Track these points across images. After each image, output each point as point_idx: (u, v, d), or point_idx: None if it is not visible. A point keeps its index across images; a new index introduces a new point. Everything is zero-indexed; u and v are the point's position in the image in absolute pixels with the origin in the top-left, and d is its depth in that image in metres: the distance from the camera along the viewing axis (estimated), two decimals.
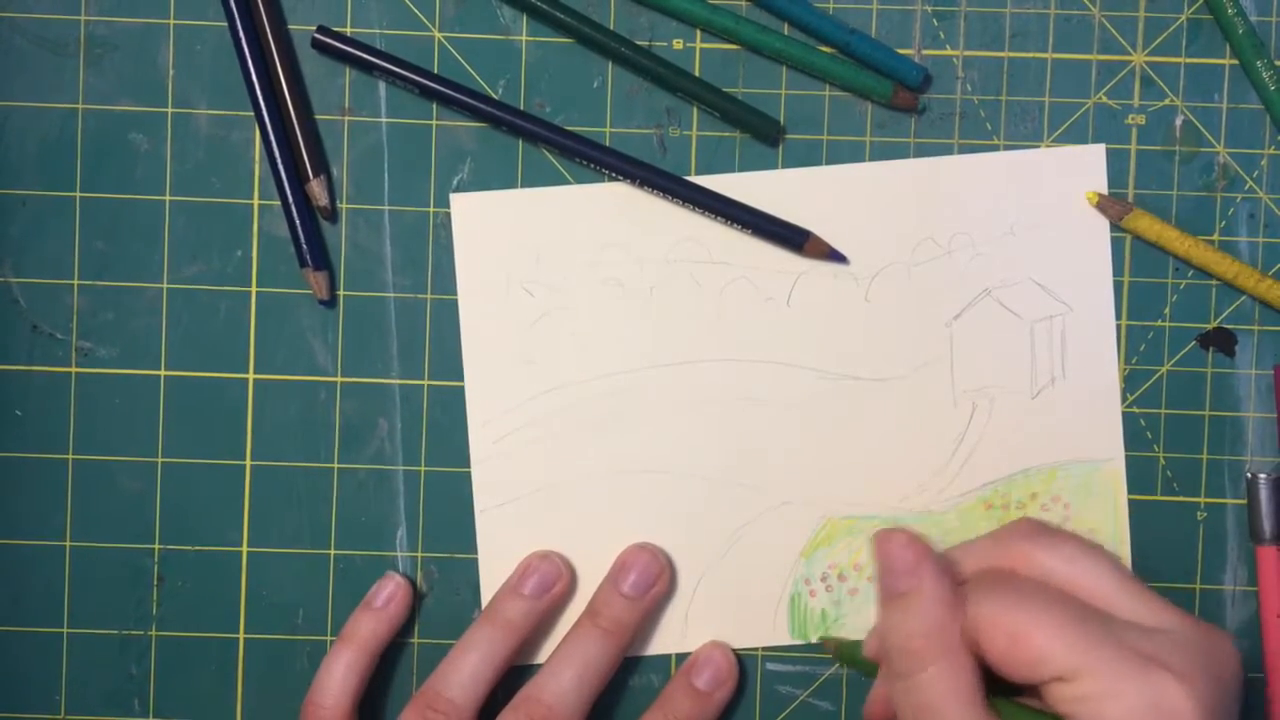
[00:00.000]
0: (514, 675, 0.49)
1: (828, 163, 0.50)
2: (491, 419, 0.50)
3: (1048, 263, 0.50)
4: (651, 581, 0.49)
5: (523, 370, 0.50)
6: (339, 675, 0.47)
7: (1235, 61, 0.50)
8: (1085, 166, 0.50)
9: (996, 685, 0.39)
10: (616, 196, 0.50)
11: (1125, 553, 0.50)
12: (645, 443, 0.50)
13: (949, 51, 0.50)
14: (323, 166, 0.49)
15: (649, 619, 0.49)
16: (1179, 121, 0.50)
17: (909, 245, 0.50)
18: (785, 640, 0.50)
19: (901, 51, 0.50)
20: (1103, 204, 0.49)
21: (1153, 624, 0.39)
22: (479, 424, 0.50)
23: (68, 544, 0.50)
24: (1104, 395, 0.50)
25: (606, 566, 0.49)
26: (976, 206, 0.50)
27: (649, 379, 0.50)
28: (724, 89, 0.49)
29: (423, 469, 0.50)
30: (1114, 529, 0.50)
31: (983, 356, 0.50)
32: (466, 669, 0.47)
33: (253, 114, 0.49)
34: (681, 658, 0.50)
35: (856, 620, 0.50)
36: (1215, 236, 0.50)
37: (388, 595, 0.49)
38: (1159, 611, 0.40)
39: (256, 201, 0.50)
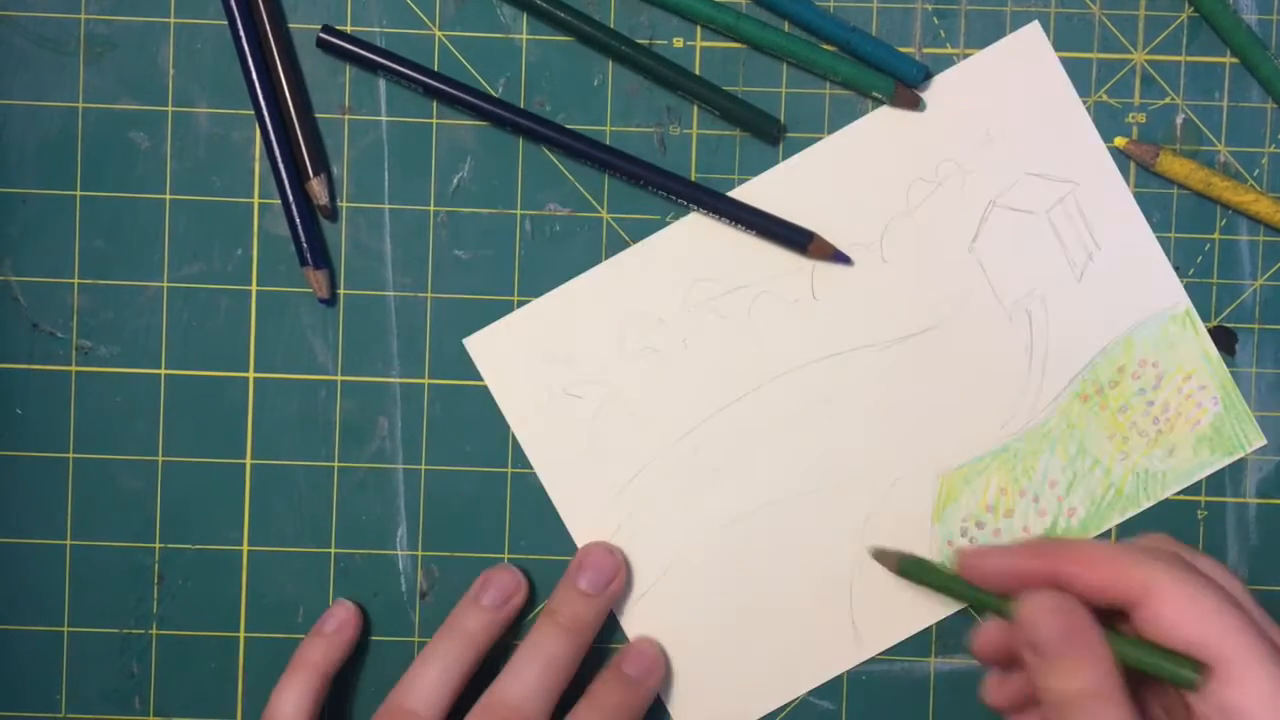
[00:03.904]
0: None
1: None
2: (592, 526, 0.50)
3: (1034, 151, 0.50)
4: (609, 578, 0.49)
5: (600, 469, 0.50)
6: (293, 699, 0.47)
7: (1236, 60, 0.50)
8: (1030, 48, 0.50)
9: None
10: (614, 274, 0.50)
11: (1227, 385, 0.50)
12: (742, 484, 0.50)
13: (949, 50, 0.50)
14: (323, 165, 0.49)
15: (606, 615, 0.49)
16: (1180, 120, 0.50)
17: (900, 193, 0.50)
18: (957, 606, 0.50)
19: (902, 49, 0.49)
20: (1131, 149, 0.49)
21: None
22: (585, 537, 0.50)
23: (68, 542, 0.50)
24: (1141, 246, 0.50)
25: (767, 611, 0.50)
26: (947, 130, 0.50)
27: (720, 425, 0.50)
28: (724, 87, 0.49)
29: (423, 468, 0.50)
30: (1211, 367, 0.50)
31: (1015, 264, 0.50)
32: (428, 681, 0.47)
33: (253, 113, 0.49)
34: (856, 672, 0.50)
35: None
36: (1216, 235, 0.50)
37: (338, 623, 0.49)
38: None
39: (257, 200, 0.50)
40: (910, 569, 0.45)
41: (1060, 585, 0.41)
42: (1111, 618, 0.41)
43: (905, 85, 0.49)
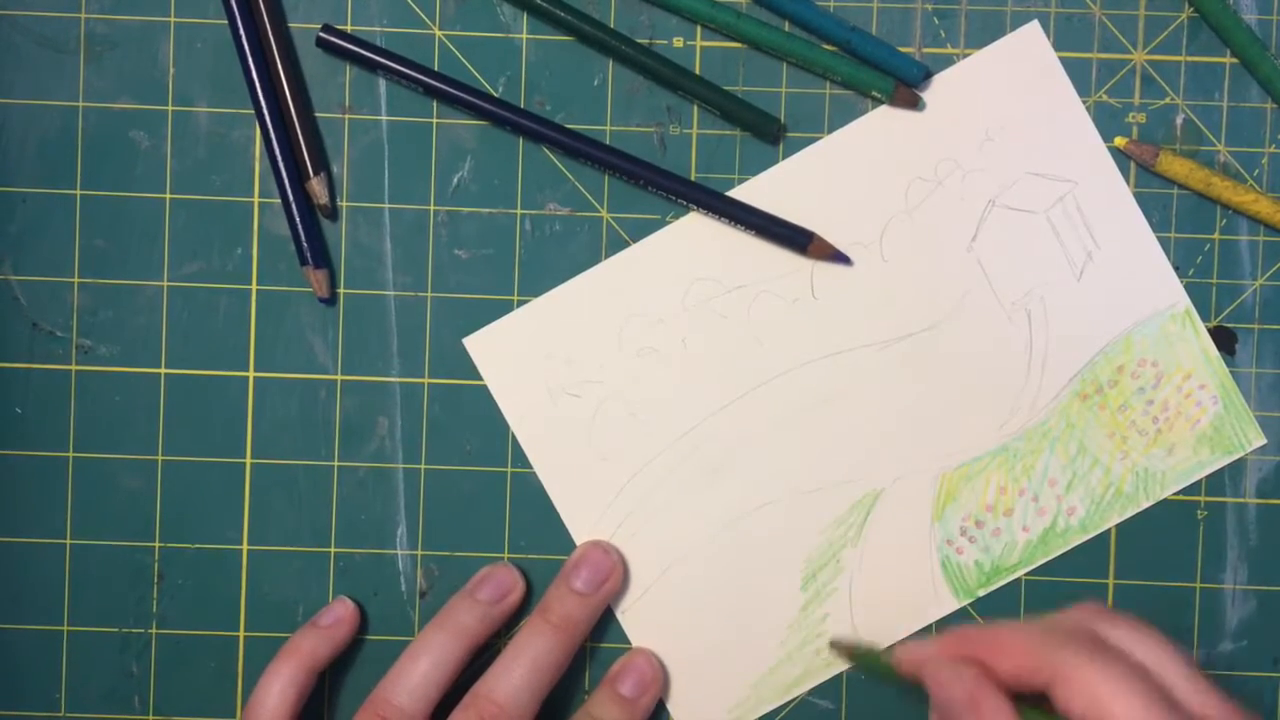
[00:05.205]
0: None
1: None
2: (592, 525, 0.50)
3: (1034, 151, 0.50)
4: (603, 578, 0.49)
5: (600, 469, 0.50)
6: (277, 689, 0.47)
7: (1235, 60, 0.50)
8: (1030, 48, 0.50)
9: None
10: (614, 274, 0.50)
11: (1227, 385, 0.50)
12: (742, 484, 0.50)
13: (949, 49, 0.50)
14: (323, 164, 0.49)
15: (599, 615, 0.49)
16: (1180, 120, 0.50)
17: (899, 192, 0.50)
18: (954, 606, 0.50)
19: (902, 49, 0.49)
20: (1131, 149, 0.49)
21: (1213, 715, 0.40)
22: (584, 537, 0.50)
23: (68, 542, 0.50)
24: (1141, 246, 0.50)
25: (766, 610, 0.50)
26: (946, 130, 0.50)
27: (720, 424, 0.50)
28: (724, 87, 0.49)
29: (423, 467, 0.50)
30: (1210, 367, 0.50)
31: (1015, 264, 0.50)
32: (416, 674, 0.46)
33: (253, 112, 0.49)
34: (856, 671, 0.50)
35: (1010, 558, 0.50)
36: (1216, 235, 0.50)
37: (335, 618, 0.49)
38: (1220, 706, 0.40)
39: (257, 199, 0.50)
40: (862, 659, 0.46)
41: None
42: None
43: (905, 85, 0.49)
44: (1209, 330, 0.50)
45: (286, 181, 0.49)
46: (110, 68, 0.50)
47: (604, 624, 0.50)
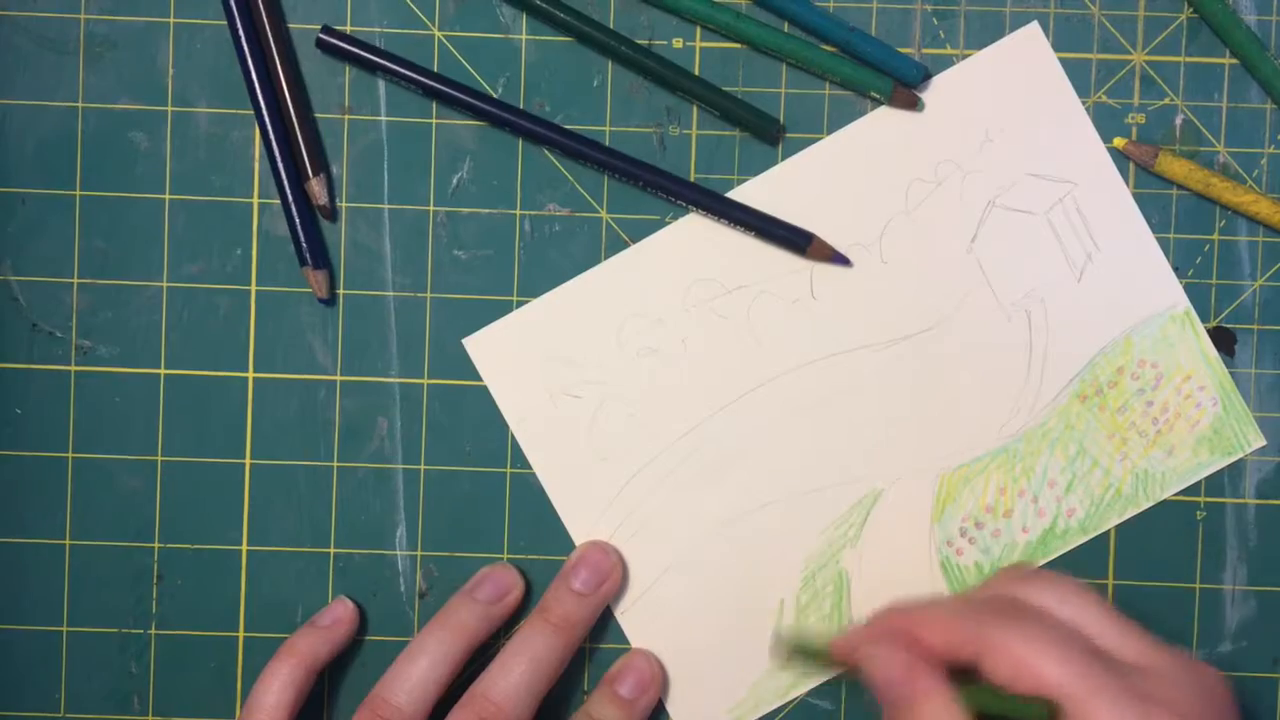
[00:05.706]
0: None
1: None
2: (591, 526, 0.50)
3: (1034, 152, 0.50)
4: (603, 578, 0.49)
5: (600, 469, 0.50)
6: (276, 688, 0.47)
7: (1235, 61, 0.50)
8: (1029, 48, 0.50)
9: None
10: (613, 274, 0.50)
11: (1227, 386, 0.50)
12: (742, 484, 0.50)
13: (949, 50, 0.50)
14: (322, 165, 0.49)
15: (599, 615, 0.49)
16: (1179, 120, 0.50)
17: (899, 193, 0.50)
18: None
19: (901, 50, 0.50)
20: (1130, 149, 0.49)
21: (1144, 662, 0.40)
22: (584, 537, 0.50)
23: (67, 542, 0.50)
24: (1141, 247, 0.50)
25: (766, 610, 0.50)
26: (946, 130, 0.50)
27: (720, 425, 0.50)
28: (724, 88, 0.49)
29: (422, 467, 0.50)
30: (1210, 368, 0.50)
31: (1015, 264, 0.50)
32: (415, 674, 0.46)
33: (253, 112, 0.49)
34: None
35: (1010, 560, 0.50)
36: (1215, 236, 0.50)
37: (334, 618, 0.49)
38: (1149, 649, 0.41)
39: (256, 200, 0.50)
40: (800, 653, 0.46)
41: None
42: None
43: (904, 85, 0.49)
44: (1208, 331, 0.50)
45: (286, 182, 0.49)
46: (110, 68, 0.50)
47: (604, 624, 0.50)
